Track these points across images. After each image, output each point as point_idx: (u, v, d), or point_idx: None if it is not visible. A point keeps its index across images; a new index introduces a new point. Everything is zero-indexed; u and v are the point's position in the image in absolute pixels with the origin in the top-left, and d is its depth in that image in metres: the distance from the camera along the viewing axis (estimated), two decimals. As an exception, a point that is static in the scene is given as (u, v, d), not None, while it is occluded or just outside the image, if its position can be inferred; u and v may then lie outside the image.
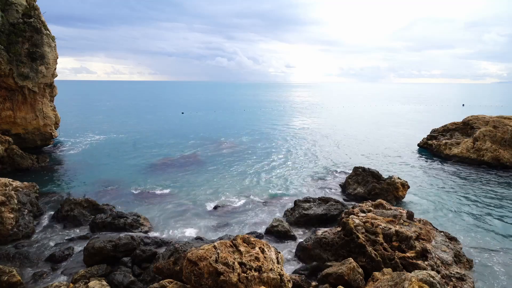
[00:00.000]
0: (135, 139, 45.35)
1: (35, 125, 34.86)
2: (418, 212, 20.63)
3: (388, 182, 23.50)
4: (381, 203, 17.95)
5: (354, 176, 25.62)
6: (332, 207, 20.23)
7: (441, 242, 15.03)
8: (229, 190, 25.18)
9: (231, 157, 36.03)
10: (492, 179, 27.97)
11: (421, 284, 10.24)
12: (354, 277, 12.39)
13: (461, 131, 38.72)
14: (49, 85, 36.40)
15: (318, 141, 45.74)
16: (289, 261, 15.52)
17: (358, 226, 14.80)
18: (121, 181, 27.03)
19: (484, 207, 22.22)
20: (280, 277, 11.03)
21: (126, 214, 19.40)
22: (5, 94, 32.53)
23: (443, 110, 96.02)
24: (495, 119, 34.61)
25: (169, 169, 30.87)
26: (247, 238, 11.93)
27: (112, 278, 13.22)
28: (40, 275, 14.09)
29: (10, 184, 19.63)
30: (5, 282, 12.49)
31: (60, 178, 28.07)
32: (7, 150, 29.15)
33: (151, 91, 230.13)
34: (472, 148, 33.48)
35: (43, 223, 19.32)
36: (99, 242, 15.13)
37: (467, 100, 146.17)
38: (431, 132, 41.91)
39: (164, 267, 12.62)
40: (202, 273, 10.42)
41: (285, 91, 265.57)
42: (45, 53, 33.46)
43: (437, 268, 13.03)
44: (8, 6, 31.44)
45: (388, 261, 13.34)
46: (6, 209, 17.55)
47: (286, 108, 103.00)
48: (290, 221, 19.51)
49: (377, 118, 73.76)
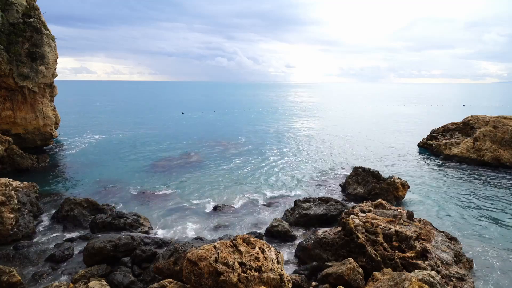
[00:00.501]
0: (135, 139, 45.35)
1: (35, 125, 34.86)
2: (418, 212, 20.62)
3: (388, 182, 23.50)
4: (381, 203, 17.96)
5: (354, 176, 25.63)
6: (332, 207, 20.23)
7: (441, 242, 15.03)
8: (229, 190, 25.18)
9: (231, 157, 36.03)
10: (492, 179, 27.96)
11: (421, 284, 10.24)
12: (354, 277, 12.39)
13: (461, 131, 38.72)
14: (49, 85, 36.40)
15: (318, 141, 45.75)
16: (289, 261, 15.52)
17: (358, 226, 14.80)
18: (121, 181, 27.03)
19: (484, 207, 22.22)
20: (280, 277, 11.03)
21: (126, 214, 19.40)
22: (5, 94, 32.54)
23: (443, 110, 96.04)
24: (495, 119, 34.61)
25: (169, 169, 30.87)
26: (247, 238, 11.93)
27: (112, 278, 13.21)
28: (40, 275, 14.09)
29: (10, 184, 19.63)
30: (5, 282, 12.49)
31: (60, 178, 28.07)
32: (7, 150, 29.15)
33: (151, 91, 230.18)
34: (472, 148, 33.48)
35: (43, 223, 19.33)
36: (99, 242, 15.13)
37: (467, 100, 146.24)
38: (431, 132, 41.92)
39: (164, 267, 12.62)
40: (202, 273, 10.42)
41: (285, 91, 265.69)
42: (45, 53, 33.47)
43: (437, 268, 13.03)
44: (8, 6, 31.45)
45: (388, 261, 13.34)
46: (6, 209, 17.55)
47: (286, 108, 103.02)
48: (290, 221, 19.50)
49: (377, 118, 73.77)
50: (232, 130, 55.00)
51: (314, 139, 47.33)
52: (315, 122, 66.59)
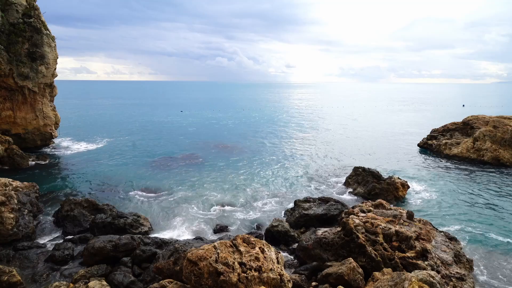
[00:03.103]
0: (135, 139, 45.35)
1: (35, 125, 34.85)
2: (418, 212, 20.61)
3: (388, 182, 23.50)
4: (381, 203, 17.95)
5: (354, 176, 25.63)
6: (332, 207, 20.23)
7: (441, 242, 15.03)
8: (229, 190, 25.17)
9: (231, 157, 36.03)
10: (492, 179, 27.96)
11: (421, 284, 10.24)
12: (354, 277, 12.38)
13: (461, 131, 38.70)
14: (49, 85, 36.38)
15: (318, 141, 45.75)
16: (289, 261, 15.52)
17: (358, 226, 14.78)
18: (121, 181, 27.03)
19: (484, 207, 22.21)
20: (280, 277, 11.03)
21: (126, 214, 19.39)
22: (5, 94, 32.54)
23: (443, 110, 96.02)
24: (495, 119, 34.60)
25: (169, 169, 30.88)
26: (247, 238, 11.92)
27: (112, 278, 13.21)
28: (40, 275, 14.08)
29: (10, 184, 19.61)
30: (5, 282, 12.48)
31: (60, 178, 28.06)
32: (7, 150, 29.15)
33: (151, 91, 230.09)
34: (472, 148, 33.48)
35: (43, 223, 19.31)
36: (99, 242, 15.12)
37: (467, 100, 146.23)
38: (431, 132, 41.89)
39: (164, 267, 12.61)
40: (202, 273, 10.42)
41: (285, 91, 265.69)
42: (45, 53, 33.46)
43: (437, 268, 13.02)
44: (8, 6, 31.45)
45: (388, 261, 13.32)
46: (6, 209, 17.54)
47: (285, 108, 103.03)
48: (290, 221, 19.49)
49: (377, 118, 73.78)
50: (232, 130, 55.01)
51: (314, 139, 47.33)
52: (315, 122, 66.58)
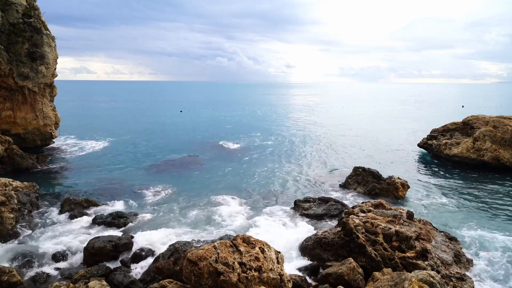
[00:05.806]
0: (135, 139, 45.34)
1: (35, 125, 34.84)
2: (418, 212, 20.62)
3: (388, 182, 23.51)
4: (381, 203, 17.95)
5: (354, 176, 25.63)
6: (332, 207, 20.24)
7: (441, 242, 15.03)
8: (229, 190, 25.15)
9: (230, 157, 36.03)
10: (492, 179, 27.96)
11: (421, 284, 10.24)
12: (354, 277, 12.38)
13: (461, 131, 38.65)
14: (49, 85, 36.37)
15: (318, 141, 45.74)
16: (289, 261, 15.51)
17: (358, 226, 14.79)
18: (121, 181, 27.03)
19: (484, 207, 22.21)
20: (280, 277, 11.04)
21: (126, 214, 19.40)
22: (5, 94, 32.53)
23: (443, 110, 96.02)
24: (495, 119, 34.57)
25: (170, 169, 30.88)
26: (247, 238, 11.93)
27: (112, 278, 13.21)
28: (40, 275, 14.08)
29: (10, 184, 19.63)
30: (5, 282, 12.48)
31: (60, 178, 28.06)
32: (7, 150, 29.14)
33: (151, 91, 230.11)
34: (472, 148, 33.47)
35: (43, 223, 19.31)
36: (99, 242, 15.14)
37: (467, 100, 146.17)
38: (431, 132, 41.84)
39: (164, 267, 12.62)
40: (202, 273, 10.42)
41: (285, 91, 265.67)
42: (45, 53, 33.45)
43: (437, 268, 13.03)
44: (8, 6, 31.43)
45: (388, 261, 13.34)
46: (6, 209, 17.55)
47: (285, 108, 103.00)
48: (290, 221, 19.49)
49: (377, 118, 73.75)
50: (232, 130, 54.99)
51: (314, 139, 47.32)
52: (315, 122, 66.58)
